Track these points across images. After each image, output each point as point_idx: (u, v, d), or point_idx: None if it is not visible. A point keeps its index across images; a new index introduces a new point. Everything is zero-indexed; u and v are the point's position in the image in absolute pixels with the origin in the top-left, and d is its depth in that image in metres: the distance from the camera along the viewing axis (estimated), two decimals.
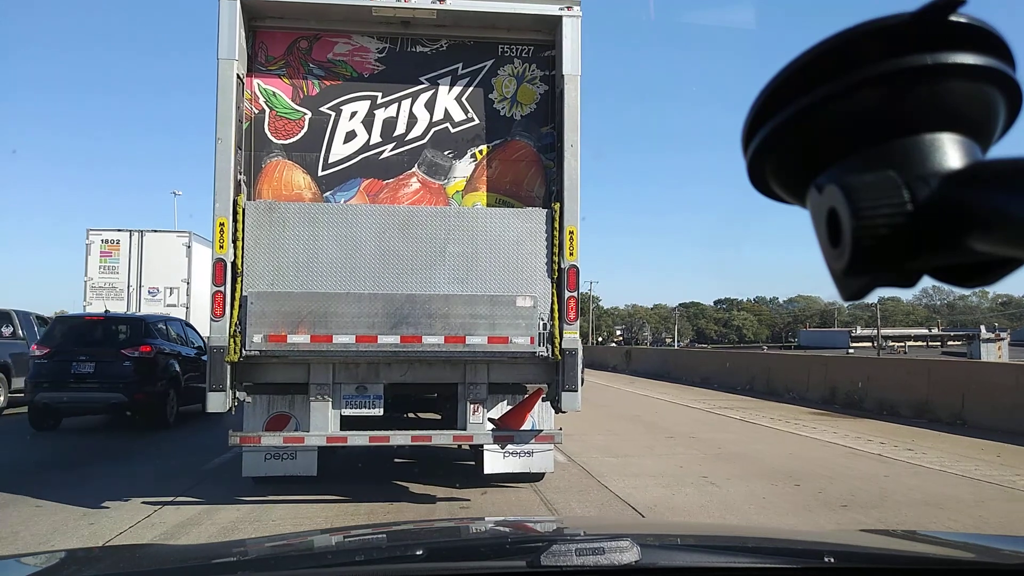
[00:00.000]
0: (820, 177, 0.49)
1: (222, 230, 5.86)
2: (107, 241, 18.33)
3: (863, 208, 0.45)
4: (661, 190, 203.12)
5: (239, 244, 5.93)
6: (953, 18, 0.46)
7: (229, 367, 5.84)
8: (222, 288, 5.83)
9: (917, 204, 0.45)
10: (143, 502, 6.53)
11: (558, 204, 6.19)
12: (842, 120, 0.49)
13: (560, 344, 6.09)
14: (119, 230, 18.49)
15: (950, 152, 0.47)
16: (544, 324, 6.11)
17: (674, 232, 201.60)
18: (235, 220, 5.92)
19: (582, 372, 6.40)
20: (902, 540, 2.25)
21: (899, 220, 0.45)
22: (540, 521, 3.98)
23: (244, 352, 5.82)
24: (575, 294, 6.19)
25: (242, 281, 5.92)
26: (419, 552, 1.61)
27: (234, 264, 5.90)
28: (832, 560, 1.53)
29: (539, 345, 6.05)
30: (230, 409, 6.00)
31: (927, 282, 0.49)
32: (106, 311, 13.99)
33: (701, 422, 13.14)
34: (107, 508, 6.33)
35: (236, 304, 5.88)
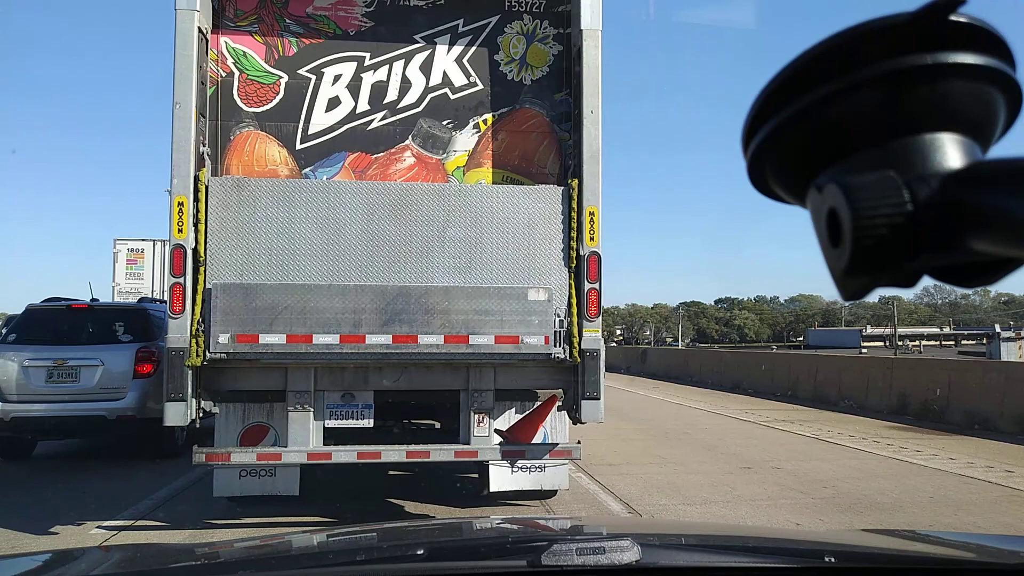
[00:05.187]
0: (820, 177, 0.57)
1: (180, 211, 5.87)
2: (132, 250, 22.22)
3: (863, 208, 0.53)
4: (660, 189, 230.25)
5: (201, 227, 5.94)
6: (953, 18, 0.54)
7: (191, 372, 5.88)
8: (181, 280, 5.85)
9: (917, 204, 0.53)
10: (98, 527, 6.68)
11: (576, 181, 6.24)
12: (842, 120, 0.57)
13: (579, 344, 6.15)
14: (143, 239, 22.39)
15: (950, 152, 0.55)
16: (560, 321, 6.15)
17: (674, 231, 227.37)
18: (197, 199, 5.92)
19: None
20: (903, 540, 2.43)
21: (899, 220, 0.53)
22: (541, 521, 4.17)
23: (208, 355, 5.85)
24: (596, 285, 6.23)
25: (205, 271, 5.94)
26: (420, 552, 1.77)
27: (195, 251, 5.92)
28: (833, 560, 1.69)
29: (555, 345, 6.09)
30: (193, 421, 6.04)
31: (928, 281, 0.57)
32: None
33: (769, 441, 12.66)
34: (56, 533, 6.47)
35: (199, 298, 5.91)
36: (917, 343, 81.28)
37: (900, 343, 72.25)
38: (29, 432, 9.84)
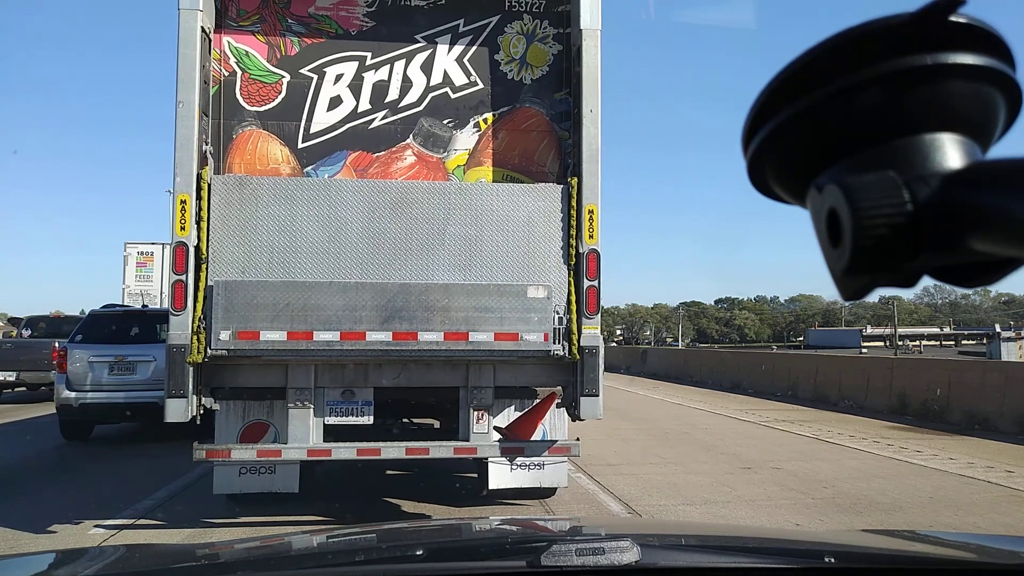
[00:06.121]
0: (820, 177, 0.57)
1: (183, 209, 5.89)
2: (142, 253, 23.45)
3: (863, 208, 0.53)
4: (661, 190, 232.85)
5: (203, 225, 5.95)
6: (953, 18, 0.54)
7: (192, 369, 5.89)
8: (183, 277, 5.87)
9: (917, 204, 0.53)
10: (96, 525, 6.68)
11: (575, 179, 6.25)
12: (842, 120, 0.57)
13: (578, 341, 6.16)
14: (152, 243, 23.56)
15: (950, 152, 0.55)
16: (560, 318, 6.16)
17: (674, 232, 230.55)
18: (199, 197, 5.94)
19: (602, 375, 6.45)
20: (903, 540, 2.43)
21: (899, 220, 0.52)
22: (540, 521, 4.18)
23: (209, 352, 5.85)
24: (595, 283, 6.24)
25: (207, 268, 5.95)
26: (419, 552, 1.78)
27: (198, 249, 5.93)
28: (832, 560, 1.69)
29: (554, 342, 6.10)
30: (193, 418, 6.03)
31: (928, 281, 0.57)
32: None
33: (769, 441, 12.65)
34: (54, 532, 6.47)
35: (200, 296, 5.92)
36: (917, 343, 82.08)
37: (900, 343, 72.80)
38: (94, 416, 11.59)
